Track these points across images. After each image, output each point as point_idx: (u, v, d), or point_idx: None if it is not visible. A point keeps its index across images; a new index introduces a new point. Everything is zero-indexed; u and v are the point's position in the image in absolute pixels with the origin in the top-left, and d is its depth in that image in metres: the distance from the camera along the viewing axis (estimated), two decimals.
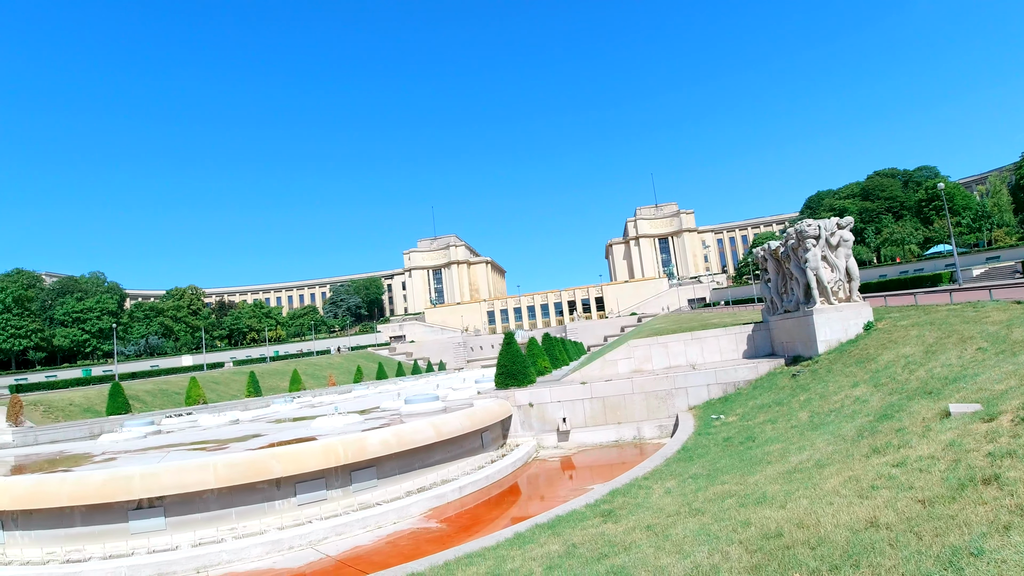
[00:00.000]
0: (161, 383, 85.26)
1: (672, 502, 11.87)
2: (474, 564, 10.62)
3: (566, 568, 8.90)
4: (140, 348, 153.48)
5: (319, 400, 65.07)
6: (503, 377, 32.76)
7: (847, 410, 16.74)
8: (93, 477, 19.84)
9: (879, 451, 10.49)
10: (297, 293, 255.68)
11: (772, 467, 12.50)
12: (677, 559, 7.66)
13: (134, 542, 19.23)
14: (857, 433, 12.86)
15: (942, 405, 12.20)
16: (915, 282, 58.41)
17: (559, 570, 8.91)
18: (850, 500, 8.23)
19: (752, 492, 10.51)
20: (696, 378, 29.74)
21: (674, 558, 7.75)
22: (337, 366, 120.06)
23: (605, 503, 13.74)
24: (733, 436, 19.45)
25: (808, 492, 9.27)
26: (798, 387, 23.20)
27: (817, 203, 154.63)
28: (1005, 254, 77.08)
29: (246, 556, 18.20)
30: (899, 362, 19.59)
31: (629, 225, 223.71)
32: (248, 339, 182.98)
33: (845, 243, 27.55)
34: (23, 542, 19.62)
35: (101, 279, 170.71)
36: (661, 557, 7.98)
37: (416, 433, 23.71)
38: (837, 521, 7.47)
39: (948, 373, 15.92)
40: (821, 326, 26.66)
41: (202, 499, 19.84)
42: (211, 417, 49.64)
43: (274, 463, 20.17)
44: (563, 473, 26.96)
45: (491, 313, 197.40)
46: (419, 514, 21.08)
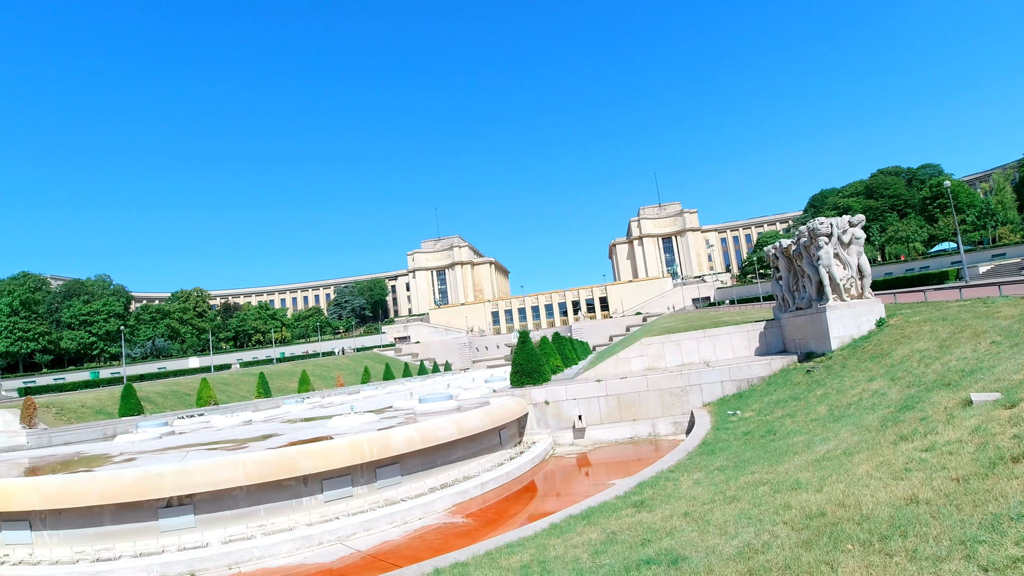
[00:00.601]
0: (171, 384, 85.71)
1: (704, 492, 12.24)
2: (517, 552, 10.99)
3: (612, 553, 9.28)
4: (146, 350, 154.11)
5: (329, 401, 65.39)
6: (518, 375, 33.16)
7: (866, 403, 17.12)
8: (124, 475, 20.11)
9: (906, 438, 10.88)
10: (301, 295, 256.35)
11: (799, 457, 12.87)
12: (725, 539, 8.05)
13: (164, 540, 19.51)
14: (880, 423, 13.23)
15: (962, 395, 12.56)
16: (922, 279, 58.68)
17: (605, 555, 9.28)
18: (885, 482, 8.62)
19: (784, 480, 10.88)
20: (710, 375, 30.11)
21: (721, 539, 8.15)
22: (344, 367, 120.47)
23: (635, 495, 14.12)
24: (753, 430, 19.85)
25: (842, 477, 9.65)
26: (814, 382, 23.57)
27: (821, 201, 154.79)
28: (1011, 251, 77.27)
29: (277, 552, 18.51)
30: (914, 356, 19.93)
31: (632, 225, 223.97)
32: (253, 341, 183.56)
33: (857, 241, 27.90)
34: (51, 542, 19.84)
35: (107, 282, 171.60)
36: (707, 539, 8.37)
37: (439, 430, 24.11)
38: (877, 500, 7.86)
39: (964, 366, 16.26)
40: (834, 322, 27.01)
41: (231, 496, 20.18)
42: (223, 418, 50.08)
43: (303, 460, 20.57)
44: (581, 469, 27.34)
45: (495, 313, 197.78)
46: (443, 510, 21.46)
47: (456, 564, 11.02)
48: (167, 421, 49.22)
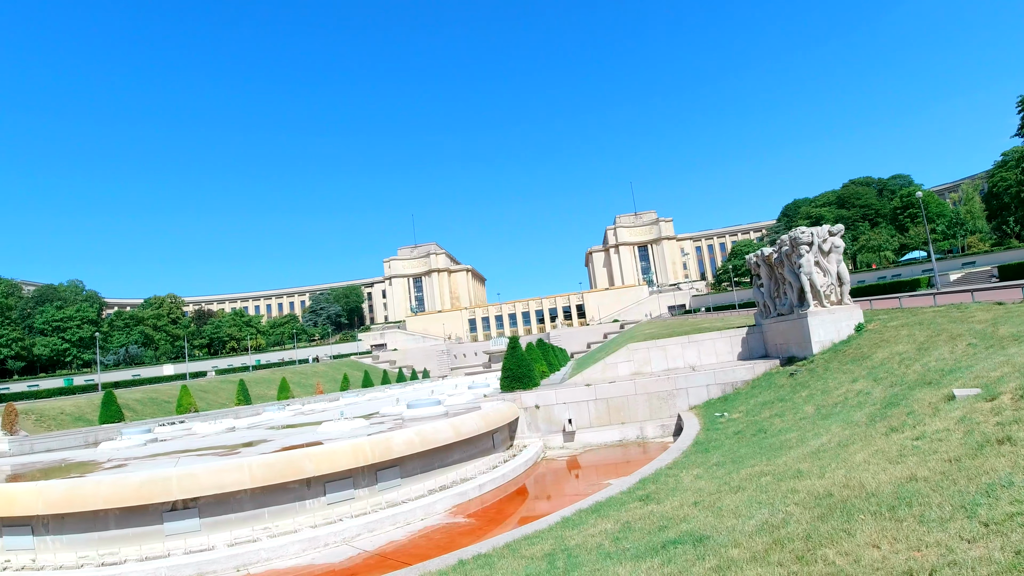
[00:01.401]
0: (150, 391, 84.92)
1: (708, 484, 13.03)
2: (536, 543, 11.64)
3: (633, 538, 9.99)
4: (119, 357, 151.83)
5: (310, 408, 65.40)
6: (509, 380, 33.83)
7: (852, 402, 18.11)
8: (130, 479, 20.28)
9: (896, 430, 11.81)
10: (276, 302, 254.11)
11: (795, 451, 13.74)
12: (742, 520, 8.82)
13: (169, 543, 19.59)
14: (869, 419, 14.18)
15: (944, 391, 13.55)
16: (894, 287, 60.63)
17: (626, 540, 9.99)
18: (883, 466, 9.49)
19: (785, 471, 11.71)
20: (696, 379, 31.07)
21: (738, 520, 8.91)
22: (323, 374, 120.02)
23: (639, 489, 14.86)
24: (743, 430, 20.76)
25: (841, 465, 10.51)
26: (798, 384, 24.61)
27: (794, 211, 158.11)
28: (980, 259, 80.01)
29: (284, 553, 18.81)
30: (894, 359, 21.02)
31: (609, 233, 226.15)
32: (228, 348, 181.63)
33: (836, 249, 29.14)
34: (54, 547, 19.79)
35: (80, 287, 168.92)
36: (724, 521, 9.13)
37: (437, 433, 24.67)
38: (879, 480, 8.71)
39: (943, 366, 17.33)
40: (815, 327, 28.16)
41: (236, 499, 20.47)
42: (206, 425, 49.93)
43: (307, 462, 20.98)
44: (573, 471, 28.06)
45: (472, 321, 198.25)
46: (444, 511, 22.00)
47: (479, 556, 11.62)
48: (150, 428, 48.99)
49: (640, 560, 8.10)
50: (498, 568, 10.26)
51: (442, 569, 11.11)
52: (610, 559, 8.82)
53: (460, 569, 10.91)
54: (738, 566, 6.75)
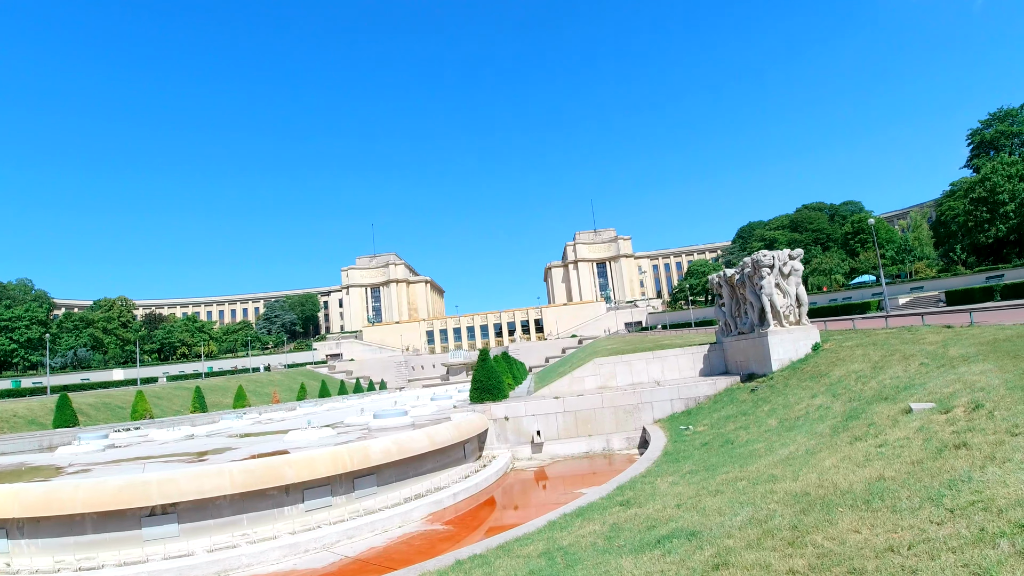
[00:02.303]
0: (103, 396, 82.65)
1: (686, 489, 13.97)
2: (529, 544, 12.37)
3: (624, 537, 10.82)
4: (67, 360, 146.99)
5: (268, 417, 64.77)
6: (479, 392, 34.45)
7: (814, 415, 19.36)
8: (109, 483, 20.20)
9: (860, 439, 12.96)
10: (229, 308, 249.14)
11: (764, 459, 14.82)
12: (727, 517, 9.74)
13: (148, 549, 19.58)
14: (832, 430, 15.37)
15: (902, 405, 14.80)
16: (845, 309, 63.50)
17: (618, 539, 10.81)
18: (852, 469, 10.57)
19: (759, 476, 12.73)
20: (661, 393, 32.26)
21: (724, 518, 9.83)
22: (278, 383, 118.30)
23: (618, 496, 15.72)
24: (710, 441, 21.88)
25: (812, 469, 11.57)
26: (759, 400, 25.92)
27: (749, 233, 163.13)
28: (928, 284, 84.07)
29: (265, 559, 18.97)
30: (850, 376, 22.42)
31: (568, 249, 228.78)
32: (179, 354, 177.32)
33: (796, 272, 30.76)
34: (29, 551, 19.56)
35: (28, 286, 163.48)
36: (711, 519, 10.04)
37: (413, 442, 25.17)
38: (850, 480, 9.77)
39: (898, 383, 18.69)
40: (775, 346, 29.64)
41: (215, 505, 20.61)
42: (164, 432, 49.06)
43: (287, 469, 21.26)
44: (543, 482, 28.84)
45: (430, 332, 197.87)
46: (420, 518, 22.48)
47: (475, 556, 12.27)
48: (107, 434, 47.90)
49: (639, 553, 8.93)
50: (497, 567, 10.93)
51: (440, 569, 11.70)
52: (609, 554, 9.63)
53: (459, 568, 11.53)
54: (735, 552, 7.64)
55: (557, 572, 9.30)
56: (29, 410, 69.78)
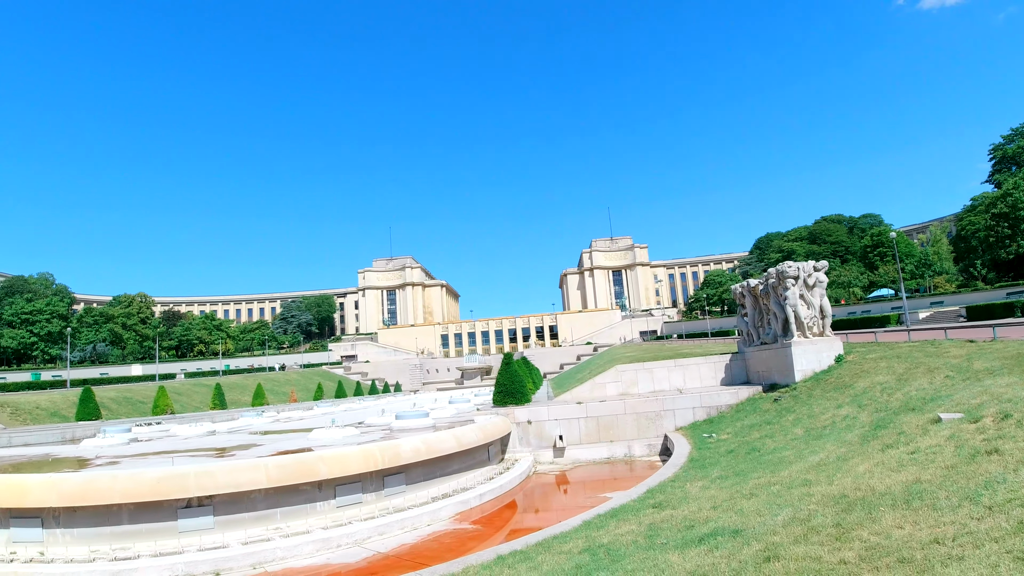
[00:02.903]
0: (124, 391, 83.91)
1: (719, 493, 14.32)
2: (568, 541, 12.77)
3: (665, 535, 11.19)
4: (86, 354, 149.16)
5: (286, 416, 65.45)
6: (502, 395, 34.90)
7: (840, 425, 19.63)
8: (147, 474, 20.70)
9: (891, 446, 13.28)
10: (246, 307, 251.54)
11: (795, 465, 15.13)
12: (768, 517, 10.10)
13: (184, 540, 19.89)
14: (862, 439, 15.66)
15: (930, 415, 15.10)
16: (864, 322, 63.24)
17: (659, 536, 11.18)
18: (887, 474, 10.92)
19: (792, 480, 13.07)
20: (683, 401, 32.55)
21: (764, 518, 10.19)
22: (295, 382, 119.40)
23: (649, 499, 16.08)
24: (736, 449, 22.16)
25: (846, 474, 11.92)
26: (783, 409, 26.17)
27: (766, 244, 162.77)
28: (948, 299, 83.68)
29: (299, 553, 19.28)
30: (875, 388, 22.65)
31: (584, 256, 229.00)
32: (196, 351, 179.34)
33: (820, 284, 30.99)
34: (64, 540, 19.82)
35: (50, 280, 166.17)
36: (750, 519, 10.40)
37: (441, 443, 25.65)
38: (887, 484, 10.13)
39: (924, 395, 18.94)
40: (798, 357, 29.86)
41: (250, 499, 21.07)
42: (186, 427, 49.77)
43: (321, 465, 21.77)
44: (566, 486, 29.20)
45: (445, 336, 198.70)
46: (448, 517, 22.91)
47: (515, 552, 12.68)
48: (130, 427, 48.55)
49: (684, 549, 9.31)
50: (540, 562, 11.33)
51: (484, 563, 12.10)
52: (652, 550, 10.01)
53: (501, 563, 11.92)
54: (783, 547, 8.02)
55: (603, 567, 9.67)
56: (51, 403, 71.06)
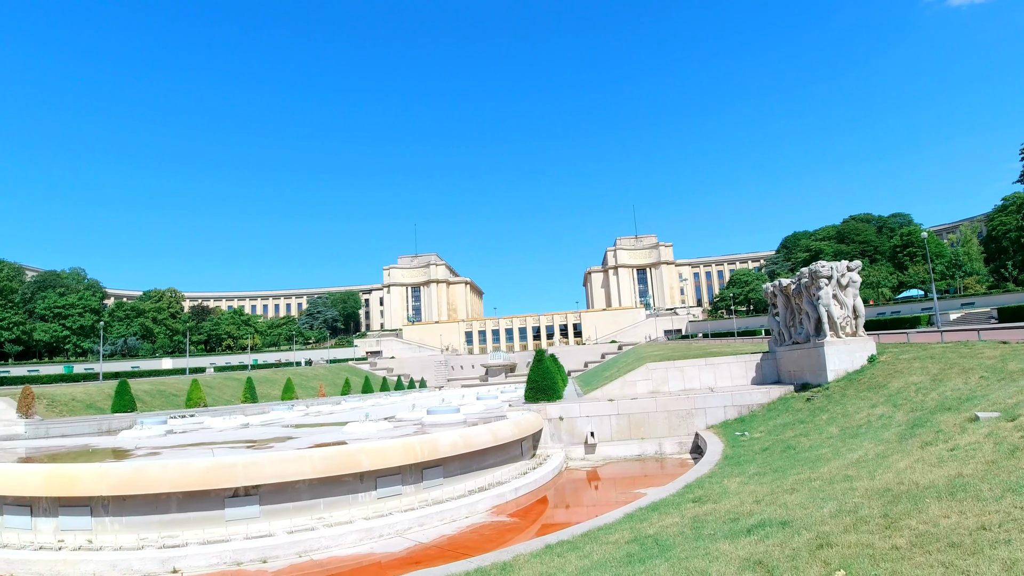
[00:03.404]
0: (158, 384, 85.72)
1: (759, 488, 14.63)
2: (613, 532, 13.19)
3: (712, 527, 11.56)
4: (117, 348, 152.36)
5: (316, 410, 66.60)
6: (534, 392, 35.39)
7: (876, 424, 19.80)
8: (196, 464, 21.45)
9: (930, 444, 13.52)
10: (273, 303, 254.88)
11: (834, 462, 15.40)
12: (813, 510, 10.43)
13: (230, 529, 20.45)
14: (899, 437, 15.87)
15: (967, 415, 15.28)
16: (894, 323, 62.69)
17: (706, 528, 11.56)
18: (928, 469, 11.21)
19: (832, 476, 13.36)
20: (714, 400, 32.77)
21: (809, 510, 10.52)
22: (323, 377, 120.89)
23: (688, 493, 16.44)
24: (770, 447, 22.39)
25: (887, 470, 12.20)
26: (816, 409, 26.30)
27: (793, 243, 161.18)
28: (979, 300, 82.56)
29: (343, 542, 19.81)
30: (910, 388, 22.75)
31: (609, 254, 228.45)
32: (224, 346, 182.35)
33: (853, 284, 31.00)
34: (113, 528, 20.28)
35: (81, 275, 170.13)
36: (796, 512, 10.73)
37: (478, 437, 26.21)
38: (930, 478, 10.43)
39: (959, 395, 19.06)
40: (831, 357, 29.93)
41: (295, 489, 21.72)
42: (221, 420, 50.86)
43: (363, 457, 22.41)
44: (598, 482, 29.57)
45: (469, 333, 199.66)
46: (484, 510, 23.42)
47: (563, 542, 13.12)
48: (165, 419, 49.52)
49: (734, 539, 9.69)
50: (588, 551, 11.76)
51: (533, 551, 12.57)
52: (701, 540, 10.41)
53: (550, 552, 12.38)
54: (834, 536, 8.38)
55: (654, 555, 10.08)
56: (87, 395, 72.77)
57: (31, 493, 20.59)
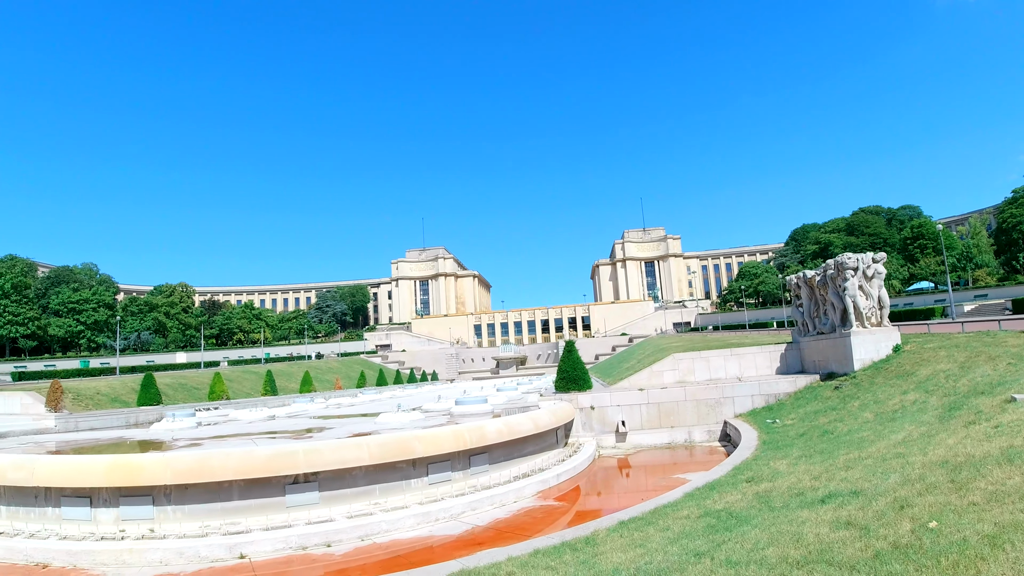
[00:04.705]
0: (179, 377, 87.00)
1: (811, 468, 15.60)
2: (681, 509, 14.15)
3: (779, 501, 12.54)
4: (130, 343, 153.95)
5: (336, 402, 67.85)
6: (564, 382, 36.46)
7: (911, 409, 20.74)
8: (258, 452, 22.42)
9: (973, 423, 14.51)
10: (282, 297, 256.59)
11: (879, 443, 16.36)
12: (879, 481, 11.41)
13: (292, 515, 21.20)
14: (939, 419, 16.85)
15: (1003, 397, 16.26)
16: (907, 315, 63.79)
17: (773, 502, 12.54)
18: (979, 443, 12.20)
19: (883, 455, 14.32)
20: (742, 389, 33.76)
21: (875, 482, 11.50)
22: (337, 371, 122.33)
23: (739, 475, 17.41)
24: (806, 432, 23.36)
25: (937, 446, 13.17)
26: (846, 396, 27.26)
27: (803, 236, 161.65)
28: (992, 292, 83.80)
29: (401, 526, 20.60)
30: (938, 375, 23.66)
31: (616, 247, 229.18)
32: (235, 340, 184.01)
33: (879, 275, 31.90)
34: (175, 517, 20.87)
35: (94, 271, 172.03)
36: (862, 484, 11.71)
37: (519, 425, 27.24)
38: (984, 450, 11.41)
39: (990, 380, 19.97)
40: (857, 346, 30.90)
41: (351, 475, 22.65)
42: (246, 412, 51.73)
43: (417, 444, 23.43)
44: (633, 469, 30.58)
45: (478, 326, 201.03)
46: (531, 495, 24.40)
47: (634, 518, 13.95)
48: (194, 412, 50.32)
49: (811, 508, 10.69)
50: (665, 525, 12.73)
51: (610, 527, 13.51)
52: (775, 511, 11.40)
53: (625, 527, 13.32)
54: (911, 499, 9.38)
55: (735, 525, 11.07)
56: (111, 388, 74.04)
57: (92, 484, 20.93)
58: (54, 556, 18.75)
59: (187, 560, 18.51)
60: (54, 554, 18.81)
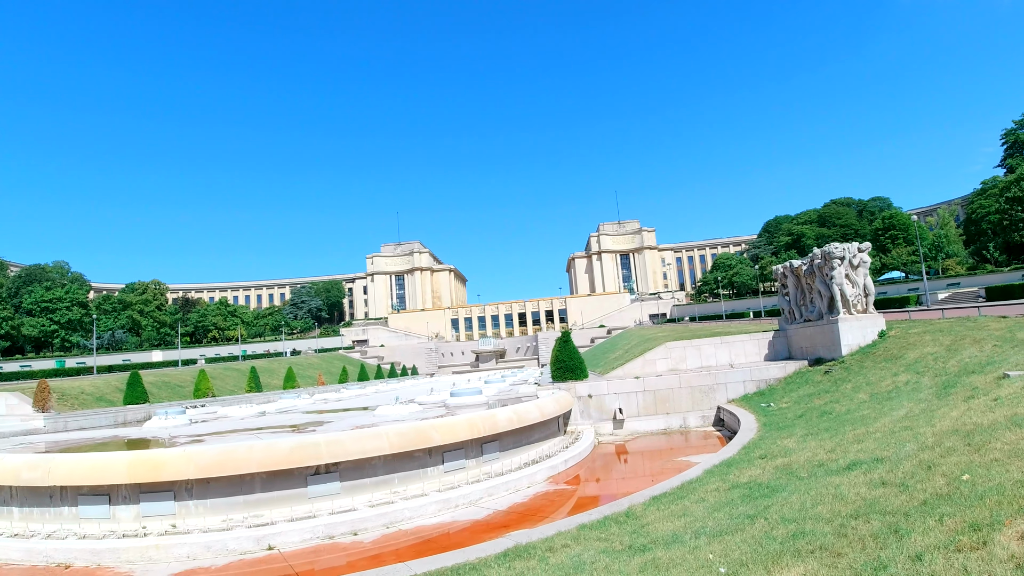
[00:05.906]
0: (162, 375, 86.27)
1: (822, 444, 16.71)
2: (707, 483, 15.16)
3: (803, 472, 13.58)
4: (104, 341, 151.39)
5: (322, 397, 67.77)
6: (561, 371, 37.45)
7: (905, 389, 22.07)
8: (281, 444, 22.61)
9: (971, 397, 15.75)
10: (256, 293, 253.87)
11: (883, 420, 17.56)
12: (896, 450, 12.50)
13: (315, 505, 21.45)
14: (936, 395, 18.14)
15: (995, 374, 17.58)
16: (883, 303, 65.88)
17: (799, 473, 13.57)
18: (982, 413, 13.37)
19: (891, 428, 15.48)
20: (734, 375, 35.11)
21: (893, 450, 12.59)
22: (317, 366, 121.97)
23: (751, 453, 18.50)
24: (805, 414, 24.63)
25: (941, 419, 14.34)
26: (838, 380, 28.66)
27: (775, 227, 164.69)
28: (964, 281, 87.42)
29: (423, 513, 21.14)
30: (926, 358, 25.08)
31: (592, 240, 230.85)
32: (210, 337, 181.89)
33: (864, 264, 33.41)
34: (197, 511, 20.85)
35: (65, 269, 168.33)
36: (881, 453, 12.79)
37: (527, 413, 28.12)
38: (989, 419, 12.57)
39: (979, 360, 21.36)
40: (845, 332, 32.39)
41: (371, 465, 23.22)
42: (236, 409, 51.45)
43: (434, 433, 24.14)
44: (633, 454, 31.68)
45: (455, 320, 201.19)
46: (542, 480, 25.31)
47: (665, 493, 14.94)
48: (184, 409, 50.06)
49: (840, 474, 11.74)
50: (699, 497, 13.69)
51: (644, 502, 14.41)
52: (803, 480, 12.44)
53: (658, 502, 14.22)
54: (935, 461, 10.46)
55: (769, 493, 12.08)
56: (95, 387, 73.21)
57: (113, 481, 20.78)
58: (76, 556, 18.67)
59: (215, 554, 18.60)
60: (76, 553, 18.75)
